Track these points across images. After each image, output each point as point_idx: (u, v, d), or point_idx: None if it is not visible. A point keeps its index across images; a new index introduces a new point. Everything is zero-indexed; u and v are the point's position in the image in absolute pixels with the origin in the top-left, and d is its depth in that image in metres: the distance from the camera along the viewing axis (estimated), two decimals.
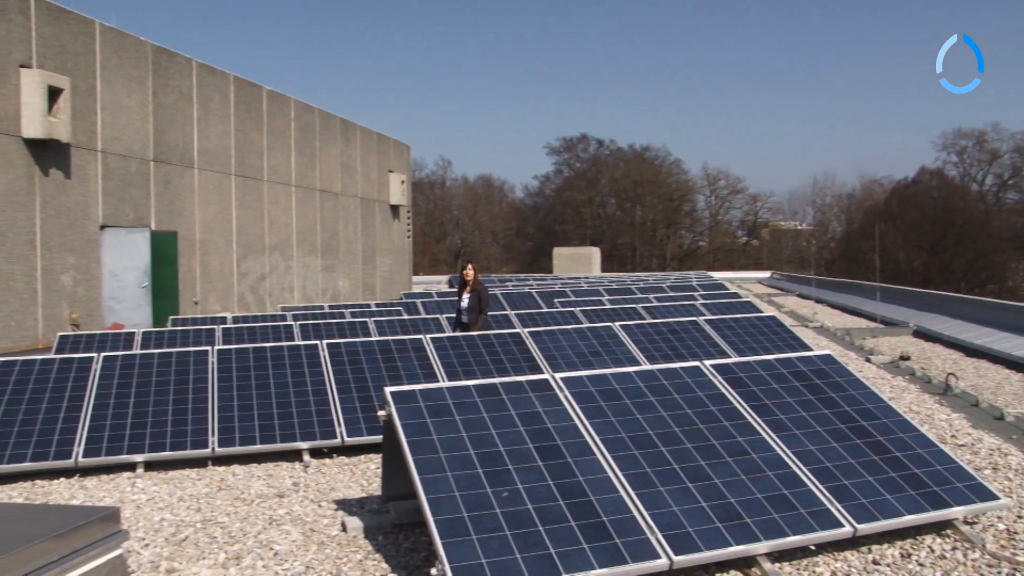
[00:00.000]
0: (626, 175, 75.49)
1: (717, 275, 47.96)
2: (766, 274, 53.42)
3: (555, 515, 4.80)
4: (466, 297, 11.80)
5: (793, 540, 4.89)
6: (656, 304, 17.41)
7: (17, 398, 7.96)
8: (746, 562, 4.94)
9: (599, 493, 5.00)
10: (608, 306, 16.99)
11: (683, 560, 4.63)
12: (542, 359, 9.67)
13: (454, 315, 12.86)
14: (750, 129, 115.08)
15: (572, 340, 10.25)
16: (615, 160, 78.73)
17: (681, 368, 6.42)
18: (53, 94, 16.78)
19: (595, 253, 55.69)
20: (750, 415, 5.93)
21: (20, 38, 16.32)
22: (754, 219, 78.53)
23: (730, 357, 10.50)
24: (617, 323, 11.01)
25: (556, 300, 20.12)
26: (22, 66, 16.31)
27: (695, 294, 21.61)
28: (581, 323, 14.15)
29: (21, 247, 16.24)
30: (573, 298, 21.14)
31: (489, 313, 12.32)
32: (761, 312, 14.62)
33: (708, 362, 6.54)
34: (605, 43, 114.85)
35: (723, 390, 6.20)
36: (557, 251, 56.26)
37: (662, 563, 4.59)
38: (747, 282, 46.83)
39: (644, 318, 15.41)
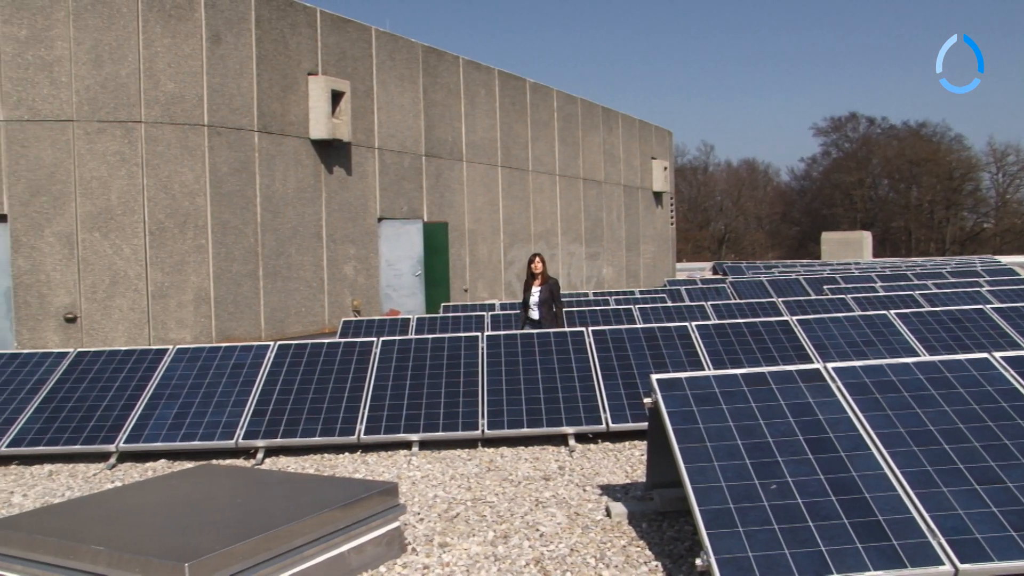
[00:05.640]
0: (900, 154, 71.02)
1: (1005, 259, 43.99)
2: None
3: (826, 511, 4.61)
4: (536, 291, 11.61)
5: None
6: (935, 291, 16.28)
7: (308, 378, 8.65)
8: None
9: (874, 490, 4.75)
10: (881, 293, 16.08)
11: (970, 569, 4.30)
12: (811, 348, 9.31)
13: (519, 311, 12.73)
14: None
15: (843, 328, 9.79)
16: (887, 138, 74.31)
17: (967, 360, 5.96)
18: (336, 97, 18.10)
19: (866, 238, 52.82)
20: None
21: (308, 49, 17.69)
22: None
23: (1023, 349, 9.64)
24: (892, 311, 10.40)
25: (825, 287, 19.29)
26: (310, 74, 17.69)
27: (980, 280, 19.99)
28: (852, 311, 13.50)
29: (310, 240, 17.62)
30: (843, 285, 20.18)
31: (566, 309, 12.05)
32: None
33: (998, 354, 6.03)
34: (872, 15, 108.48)
35: (1016, 385, 5.69)
36: (825, 236, 53.88)
37: (945, 570, 4.28)
38: None
39: (922, 306, 14.45)
